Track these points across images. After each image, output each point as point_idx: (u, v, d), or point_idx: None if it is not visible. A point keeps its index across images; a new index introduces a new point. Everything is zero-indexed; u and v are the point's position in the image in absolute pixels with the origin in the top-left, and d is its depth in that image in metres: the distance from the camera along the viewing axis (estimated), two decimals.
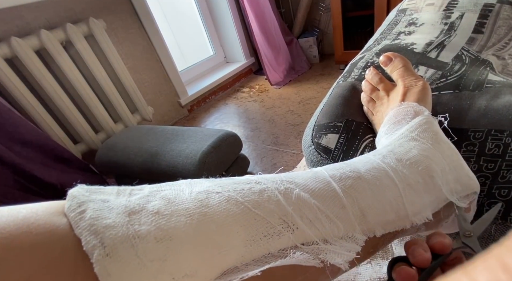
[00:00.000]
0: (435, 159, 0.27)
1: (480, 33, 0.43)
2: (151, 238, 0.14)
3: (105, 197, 0.16)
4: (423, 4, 0.49)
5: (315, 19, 1.97)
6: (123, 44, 1.32)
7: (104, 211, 0.14)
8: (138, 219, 0.15)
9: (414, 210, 0.24)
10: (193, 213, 0.16)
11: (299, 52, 1.93)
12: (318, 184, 0.22)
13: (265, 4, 1.67)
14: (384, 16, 1.45)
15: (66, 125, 1.15)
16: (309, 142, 0.41)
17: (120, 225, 0.14)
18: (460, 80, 0.37)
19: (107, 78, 1.18)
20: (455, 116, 0.33)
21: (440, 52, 0.41)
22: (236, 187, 0.19)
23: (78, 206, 0.14)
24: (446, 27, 0.44)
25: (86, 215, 0.14)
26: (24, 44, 0.95)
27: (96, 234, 0.13)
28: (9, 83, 0.93)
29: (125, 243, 0.13)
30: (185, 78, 1.77)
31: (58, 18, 1.10)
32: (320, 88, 1.62)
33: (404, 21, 0.50)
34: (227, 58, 2.09)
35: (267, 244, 0.17)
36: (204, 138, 0.84)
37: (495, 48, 0.43)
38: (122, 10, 1.30)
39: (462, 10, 0.45)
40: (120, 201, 0.16)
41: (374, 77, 0.39)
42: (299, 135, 1.22)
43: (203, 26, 1.91)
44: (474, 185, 0.28)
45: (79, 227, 0.13)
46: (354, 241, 0.21)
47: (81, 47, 1.08)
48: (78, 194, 0.15)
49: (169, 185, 0.18)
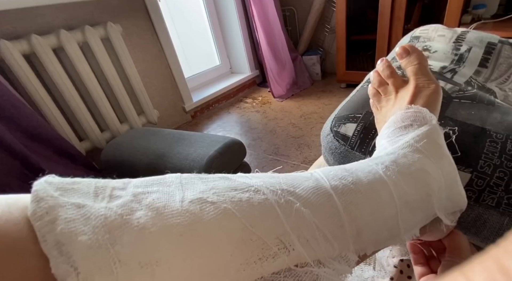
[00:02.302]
0: (434, 176, 0.26)
1: (484, 67, 0.48)
2: (135, 263, 0.12)
3: (79, 201, 0.13)
4: (435, 35, 0.54)
5: (320, 39, 2.06)
6: (136, 48, 1.37)
7: (78, 223, 0.12)
8: (120, 237, 0.12)
9: (406, 228, 0.24)
10: (184, 231, 0.14)
11: (303, 69, 2.01)
12: (319, 198, 0.20)
13: (275, 22, 1.75)
14: (385, 41, 1.53)
15: (74, 122, 1.18)
16: (328, 130, 0.45)
17: (97, 245, 0.12)
18: (475, 95, 0.40)
19: (118, 79, 1.22)
20: (477, 118, 0.35)
21: (453, 76, 0.46)
22: (233, 196, 0.17)
23: (46, 213, 0.12)
24: (456, 58, 0.49)
25: (57, 227, 0.12)
26: (44, 42, 0.99)
27: (68, 255, 0.11)
28: (25, 78, 0.96)
29: (103, 269, 0.11)
30: (191, 85, 1.82)
31: (77, 20, 1.14)
32: (321, 104, 1.68)
33: (419, 46, 0.54)
34: (232, 69, 2.16)
35: (261, 268, 0.16)
36: (211, 144, 0.88)
37: (497, 81, 0.48)
38: (138, 17, 1.35)
39: (469, 44, 0.50)
40: (99, 208, 0.13)
41: (385, 69, 0.36)
42: (300, 147, 1.26)
43: (212, 37, 1.98)
44: (463, 203, 0.29)
45: (46, 242, 0.11)
46: (347, 261, 0.21)
47: (97, 49, 1.12)
48: (45, 195, 0.12)
49: (157, 184, 0.16)
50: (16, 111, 0.87)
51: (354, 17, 1.70)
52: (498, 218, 0.31)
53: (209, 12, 1.90)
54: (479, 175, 0.33)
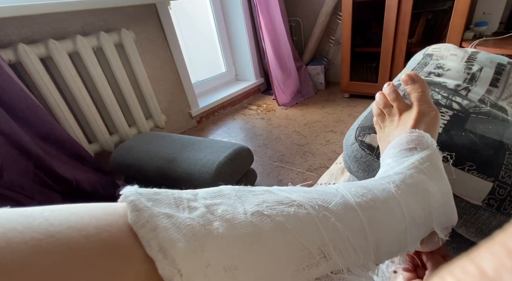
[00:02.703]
0: (435, 195, 0.30)
1: (495, 87, 0.51)
2: (220, 268, 0.14)
3: (167, 211, 0.15)
4: (447, 53, 0.57)
5: (324, 50, 2.11)
6: (146, 54, 1.41)
7: (172, 231, 0.14)
8: (206, 244, 0.15)
9: (412, 241, 0.27)
10: (252, 240, 0.16)
11: (307, 78, 2.05)
12: (348, 214, 0.23)
13: (282, 32, 1.80)
14: (389, 54, 1.57)
15: (84, 124, 1.20)
16: (353, 140, 0.47)
17: (192, 251, 0.14)
18: (490, 112, 0.43)
19: (129, 84, 1.25)
20: (495, 132, 0.38)
21: (468, 94, 0.48)
22: (283, 210, 0.19)
23: (147, 221, 0.14)
24: (468, 77, 0.52)
25: (158, 234, 0.14)
26: (60, 46, 1.02)
27: (172, 259, 0.13)
28: (40, 81, 0.99)
29: (199, 272, 0.14)
30: (197, 90, 1.85)
31: (92, 26, 1.18)
32: (325, 113, 1.71)
33: (432, 64, 0.57)
34: (237, 76, 2.20)
35: (308, 274, 0.19)
36: (220, 150, 0.90)
37: (508, 100, 0.51)
38: (151, 24, 1.39)
39: (481, 64, 0.53)
40: (184, 218, 0.15)
41: (391, 93, 0.39)
42: (305, 155, 1.29)
43: (219, 45, 2.03)
44: (455, 219, 0.32)
45: (151, 247, 0.13)
46: (368, 269, 0.23)
47: (110, 55, 1.15)
48: (142, 206, 0.14)
49: (219, 196, 0.18)
50: (32, 113, 0.90)
51: (359, 29, 1.75)
52: None
53: (218, 21, 1.94)
54: (500, 185, 0.35)
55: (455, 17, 1.31)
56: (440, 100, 0.45)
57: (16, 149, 0.83)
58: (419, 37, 1.65)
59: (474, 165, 0.36)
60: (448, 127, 0.41)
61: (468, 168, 0.36)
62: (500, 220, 0.35)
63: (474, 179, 0.36)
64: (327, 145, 1.35)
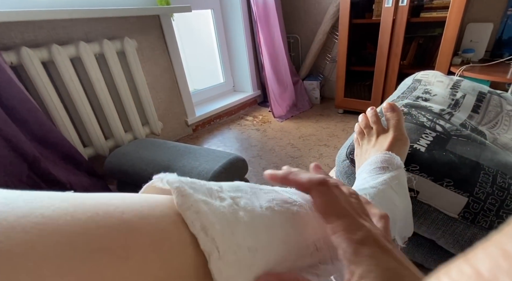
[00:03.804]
0: (399, 209, 0.35)
1: (476, 113, 0.55)
2: (245, 249, 0.17)
3: (204, 199, 0.17)
4: (434, 80, 0.62)
5: (321, 66, 2.18)
6: (147, 62, 1.44)
7: (210, 216, 0.16)
8: (235, 229, 0.17)
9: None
10: (267, 230, 0.19)
11: (303, 92, 2.10)
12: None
13: (280, 47, 1.86)
14: (382, 74, 1.64)
15: (80, 127, 1.20)
16: (344, 157, 0.50)
17: (226, 232, 0.16)
18: (469, 135, 0.47)
19: (128, 90, 1.27)
20: (472, 153, 0.43)
21: (451, 118, 0.53)
22: (289, 208, 0.22)
23: (191, 205, 0.16)
24: (452, 103, 0.56)
25: (201, 217, 0.16)
26: (63, 51, 1.04)
27: (212, 237, 0.16)
28: (41, 84, 1.00)
29: (231, 250, 0.16)
30: (195, 99, 1.87)
31: (95, 33, 1.21)
32: (319, 127, 1.75)
33: (420, 89, 0.62)
34: (235, 87, 2.24)
35: (303, 262, 0.22)
36: (216, 159, 0.92)
37: (487, 126, 0.55)
38: (153, 34, 1.43)
39: (464, 91, 0.57)
40: (218, 206, 0.18)
41: (373, 116, 0.45)
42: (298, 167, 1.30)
43: (218, 57, 2.08)
44: (411, 231, 0.37)
45: (195, 226, 0.15)
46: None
47: (112, 62, 1.17)
48: (186, 192, 0.17)
49: (239, 191, 0.21)
50: (30, 115, 0.90)
51: (354, 49, 1.82)
52: None
53: (218, 34, 2.00)
54: (475, 200, 0.39)
55: (444, 43, 1.39)
56: (425, 122, 0.50)
57: (12, 151, 0.83)
58: (411, 60, 1.73)
59: (452, 181, 0.40)
60: (430, 147, 0.45)
61: (446, 183, 0.40)
62: (473, 232, 0.38)
63: (451, 193, 0.40)
64: (320, 159, 1.37)
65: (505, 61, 1.37)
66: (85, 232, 0.12)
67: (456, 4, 1.29)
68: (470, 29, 1.48)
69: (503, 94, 0.59)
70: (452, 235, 0.39)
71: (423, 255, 0.46)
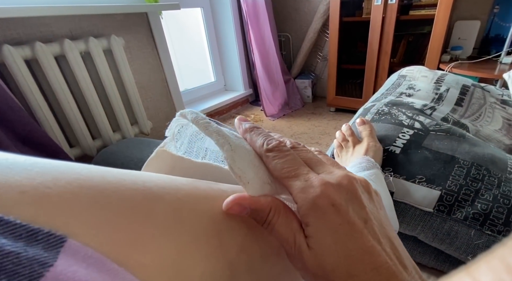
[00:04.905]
0: (385, 202, 0.36)
1: (460, 106, 0.56)
2: (252, 153, 0.20)
3: (207, 120, 0.20)
4: (419, 75, 0.62)
5: (312, 65, 2.18)
6: (135, 60, 1.41)
7: (218, 132, 0.19)
8: (243, 142, 0.20)
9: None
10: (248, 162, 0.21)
11: (295, 91, 2.10)
12: None
13: (271, 46, 1.85)
14: (373, 72, 1.65)
15: (66, 127, 1.18)
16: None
17: (237, 140, 0.19)
18: (449, 129, 0.48)
19: (115, 89, 1.24)
20: (449, 148, 0.45)
21: (432, 113, 0.54)
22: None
23: (203, 118, 0.19)
24: (436, 97, 0.57)
25: (212, 125, 0.19)
26: (47, 49, 1.01)
27: (224, 137, 0.18)
28: (24, 82, 0.98)
29: (241, 147, 0.19)
30: (185, 99, 1.86)
31: (81, 31, 1.18)
32: (311, 125, 1.75)
33: (405, 85, 0.62)
34: (226, 86, 2.23)
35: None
36: None
37: (470, 118, 0.56)
38: (141, 32, 1.41)
39: (448, 85, 0.58)
40: (220, 129, 0.21)
41: (347, 130, 0.53)
42: None
43: (209, 56, 2.06)
44: (397, 226, 0.39)
45: (209, 129, 0.18)
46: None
47: (98, 60, 1.15)
48: (197, 114, 0.20)
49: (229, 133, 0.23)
50: (13, 115, 0.88)
51: (345, 47, 1.82)
52: (466, 230, 0.37)
53: (209, 32, 1.98)
54: (447, 192, 0.40)
55: (433, 40, 1.40)
56: (404, 120, 0.51)
57: None
58: (401, 57, 1.74)
59: (424, 178, 0.42)
60: (406, 146, 0.46)
61: (418, 180, 0.42)
62: (450, 224, 0.38)
63: (423, 189, 0.41)
64: None
65: (493, 58, 1.39)
66: (116, 190, 0.14)
67: (444, 2, 1.30)
68: (458, 26, 1.49)
69: (486, 87, 0.59)
70: (430, 229, 0.40)
71: (408, 249, 0.46)
